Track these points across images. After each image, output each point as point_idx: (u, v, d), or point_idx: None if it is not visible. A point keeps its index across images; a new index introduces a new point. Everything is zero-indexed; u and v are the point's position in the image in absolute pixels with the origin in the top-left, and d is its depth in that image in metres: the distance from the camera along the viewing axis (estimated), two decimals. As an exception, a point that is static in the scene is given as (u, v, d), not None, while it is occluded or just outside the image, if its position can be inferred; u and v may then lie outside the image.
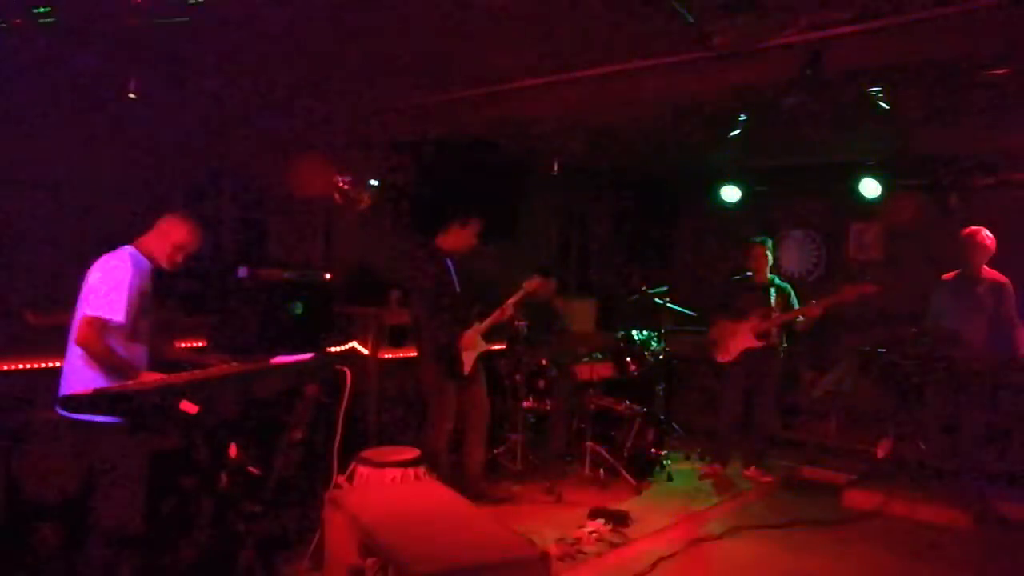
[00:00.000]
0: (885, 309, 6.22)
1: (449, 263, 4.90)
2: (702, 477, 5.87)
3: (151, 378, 3.11)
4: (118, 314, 3.20)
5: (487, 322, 4.99)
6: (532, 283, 5.14)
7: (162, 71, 4.38)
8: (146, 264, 3.44)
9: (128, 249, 3.41)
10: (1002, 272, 5.38)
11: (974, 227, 5.38)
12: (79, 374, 3.23)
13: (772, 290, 5.84)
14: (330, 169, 5.82)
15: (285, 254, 5.80)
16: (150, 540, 3.33)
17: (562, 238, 8.44)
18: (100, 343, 3.18)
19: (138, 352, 3.39)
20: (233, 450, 3.09)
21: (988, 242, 5.30)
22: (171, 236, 3.44)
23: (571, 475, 5.68)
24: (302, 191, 5.82)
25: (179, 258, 3.49)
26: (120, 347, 3.28)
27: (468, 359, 4.87)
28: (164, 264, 3.47)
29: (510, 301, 5.09)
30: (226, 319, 5.00)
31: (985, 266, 5.36)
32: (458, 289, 4.90)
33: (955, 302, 5.43)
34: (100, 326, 3.18)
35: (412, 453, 4.15)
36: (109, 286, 3.23)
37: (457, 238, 4.96)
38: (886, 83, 4.28)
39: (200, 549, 3.27)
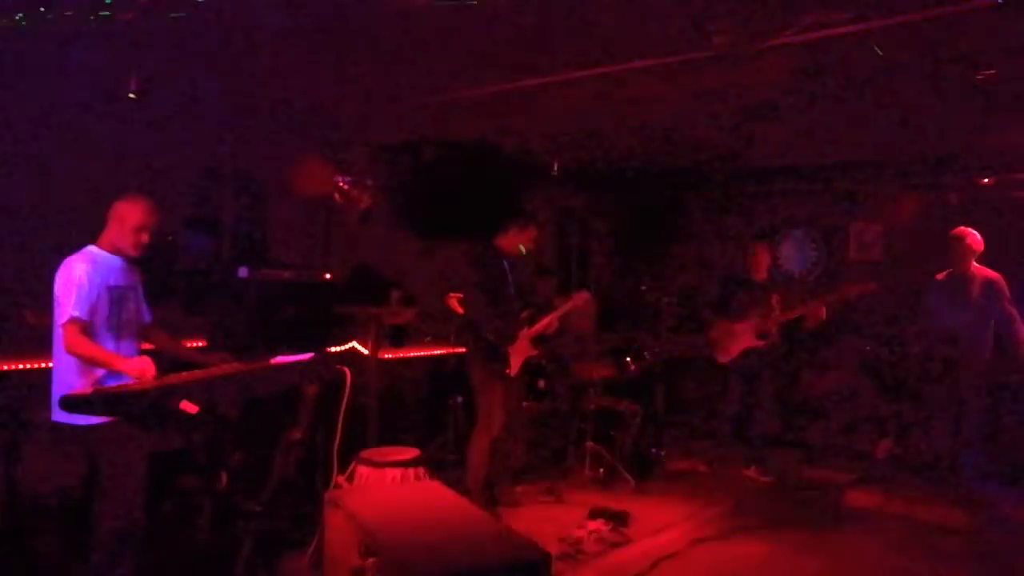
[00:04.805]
0: (885, 309, 6.22)
1: (506, 264, 4.91)
2: (703, 477, 5.87)
3: (141, 364, 3.10)
4: (77, 310, 3.15)
5: (537, 327, 5.00)
6: (581, 297, 5.17)
7: (162, 71, 4.38)
8: (111, 259, 3.37)
9: (87, 248, 3.35)
10: (1002, 272, 5.38)
11: (961, 228, 5.40)
12: (69, 378, 3.22)
13: (771, 289, 5.84)
14: (330, 169, 5.82)
15: (285, 254, 5.80)
16: (150, 540, 3.33)
17: (562, 238, 8.44)
18: (82, 346, 3.14)
19: (125, 348, 3.36)
20: (223, 479, 3.09)
21: (976, 243, 5.33)
22: (127, 221, 3.36)
23: (571, 475, 5.68)
24: (302, 191, 5.82)
25: (144, 239, 3.40)
26: (109, 343, 3.27)
27: (516, 362, 4.88)
28: (131, 251, 3.40)
29: (558, 313, 5.11)
30: (226, 319, 5.00)
31: (975, 263, 5.38)
32: (512, 291, 4.91)
33: (949, 301, 5.45)
34: (76, 328, 3.15)
35: (412, 453, 4.15)
36: (63, 290, 3.20)
37: (516, 240, 4.97)
38: (886, 82, 4.28)
39: (200, 549, 3.27)
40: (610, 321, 7.12)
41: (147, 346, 3.63)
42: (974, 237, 5.34)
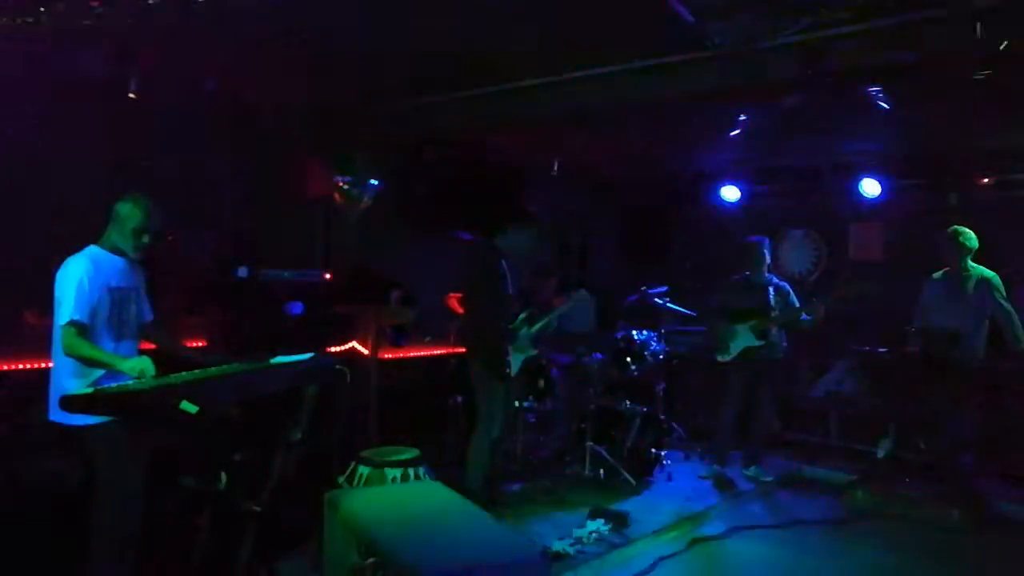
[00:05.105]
0: (885, 309, 6.22)
1: (504, 264, 4.91)
2: (702, 477, 5.87)
3: (141, 364, 3.08)
4: (76, 313, 3.13)
5: (537, 327, 4.99)
6: (580, 297, 5.18)
7: (163, 70, 4.38)
8: (112, 259, 3.35)
9: (89, 248, 3.33)
10: (1002, 272, 5.39)
11: (956, 226, 5.42)
12: (68, 378, 3.21)
13: (771, 289, 5.84)
14: (330, 169, 5.82)
15: (285, 254, 5.80)
16: (150, 540, 3.33)
17: (562, 238, 8.43)
18: (80, 348, 3.12)
19: (124, 348, 3.35)
20: (223, 479, 3.09)
21: (970, 241, 5.34)
22: (128, 223, 3.33)
23: (571, 475, 5.68)
24: (302, 191, 5.82)
25: (144, 242, 3.37)
26: (109, 344, 3.26)
27: (516, 361, 4.88)
28: (132, 252, 3.38)
29: (557, 312, 5.10)
30: (226, 319, 5.00)
31: (971, 262, 5.39)
32: (511, 291, 4.91)
33: (945, 299, 5.46)
34: (75, 330, 3.13)
35: (412, 453, 4.15)
36: (63, 292, 3.18)
37: (515, 240, 4.96)
38: (886, 83, 4.27)
39: (200, 549, 3.27)
40: (610, 321, 7.11)
41: (148, 346, 3.63)
42: (967, 235, 5.36)
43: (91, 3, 3.39)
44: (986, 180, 6.39)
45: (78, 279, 3.18)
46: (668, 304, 6.37)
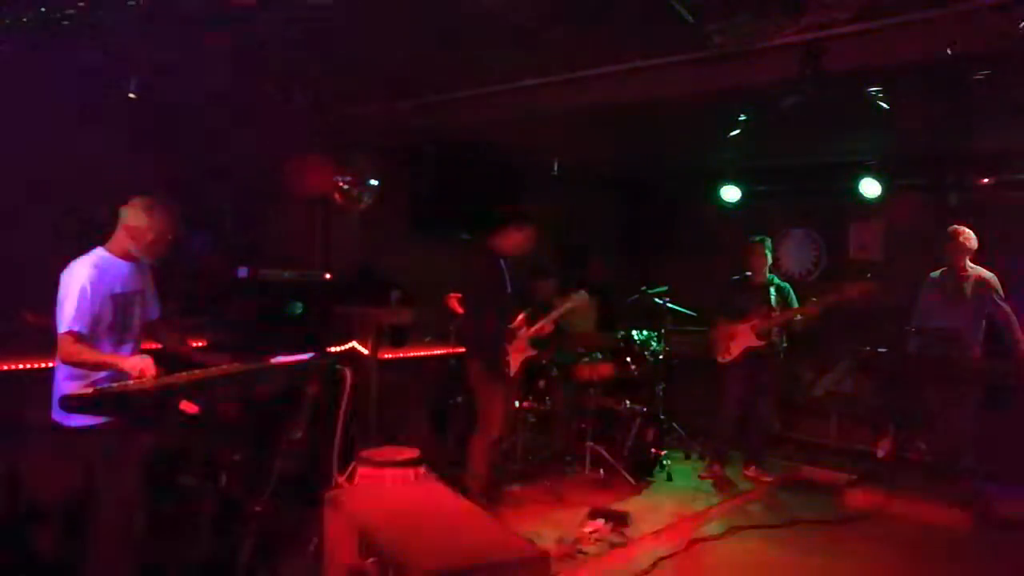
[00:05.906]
0: (885, 309, 6.22)
1: (502, 264, 4.90)
2: (702, 477, 5.87)
3: (142, 363, 3.05)
4: (76, 324, 3.07)
5: (535, 328, 5.00)
6: (579, 297, 5.18)
7: (163, 71, 4.38)
8: (119, 264, 3.29)
9: (95, 251, 3.26)
10: (1002, 272, 5.39)
11: (956, 226, 5.41)
12: (69, 379, 3.19)
13: (772, 289, 5.84)
14: (330, 169, 5.82)
15: (285, 254, 5.79)
16: (150, 540, 3.33)
17: (562, 238, 8.42)
18: (78, 355, 3.09)
19: (124, 352, 3.31)
20: (223, 479, 3.09)
21: (970, 241, 5.34)
22: (146, 233, 3.26)
23: (571, 475, 5.68)
24: (302, 191, 5.82)
25: (161, 247, 3.31)
26: (109, 348, 3.24)
27: (515, 361, 4.88)
28: (149, 256, 3.32)
29: (556, 313, 5.11)
30: (226, 319, 5.00)
31: (970, 262, 5.39)
32: (509, 290, 4.91)
33: (943, 299, 5.47)
34: (72, 338, 3.08)
35: (412, 453, 4.15)
36: (64, 298, 3.12)
37: (512, 240, 4.95)
38: (886, 83, 4.27)
39: (200, 549, 3.27)
40: (610, 321, 7.11)
41: (149, 345, 3.63)
42: (967, 235, 5.36)
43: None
44: (986, 180, 6.39)
45: (80, 286, 3.12)
46: (668, 304, 6.37)
